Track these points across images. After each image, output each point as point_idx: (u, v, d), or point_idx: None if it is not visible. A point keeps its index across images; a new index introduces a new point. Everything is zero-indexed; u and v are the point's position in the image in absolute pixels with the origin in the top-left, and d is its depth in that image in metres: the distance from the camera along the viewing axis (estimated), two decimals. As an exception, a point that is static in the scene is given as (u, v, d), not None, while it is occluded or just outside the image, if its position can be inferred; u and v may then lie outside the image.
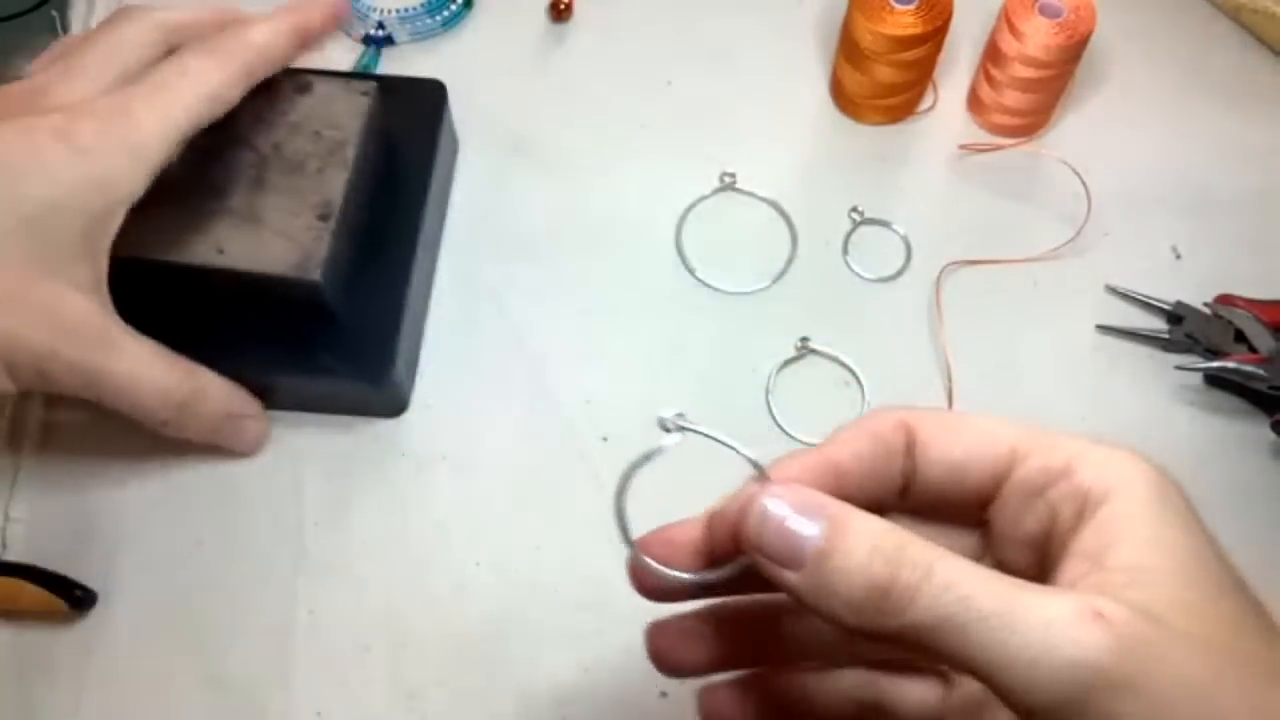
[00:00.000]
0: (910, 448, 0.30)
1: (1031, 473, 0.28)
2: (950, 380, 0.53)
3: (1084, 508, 0.27)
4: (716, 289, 0.56)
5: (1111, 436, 0.28)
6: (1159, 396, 0.53)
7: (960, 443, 0.29)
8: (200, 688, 0.47)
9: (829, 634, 0.33)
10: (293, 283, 0.46)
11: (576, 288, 0.56)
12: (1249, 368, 0.51)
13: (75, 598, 0.46)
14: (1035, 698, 0.24)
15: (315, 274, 0.46)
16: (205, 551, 0.49)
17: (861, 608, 0.25)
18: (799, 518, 0.26)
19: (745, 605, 0.33)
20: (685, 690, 0.46)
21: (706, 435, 0.28)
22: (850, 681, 0.33)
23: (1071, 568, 0.26)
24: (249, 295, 0.47)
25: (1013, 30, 0.55)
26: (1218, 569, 0.26)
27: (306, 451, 0.51)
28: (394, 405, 0.52)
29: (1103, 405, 0.53)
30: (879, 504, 0.30)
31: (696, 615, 0.33)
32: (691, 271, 0.56)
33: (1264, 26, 0.63)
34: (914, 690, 0.33)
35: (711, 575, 0.30)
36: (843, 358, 0.54)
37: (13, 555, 0.48)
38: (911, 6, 0.55)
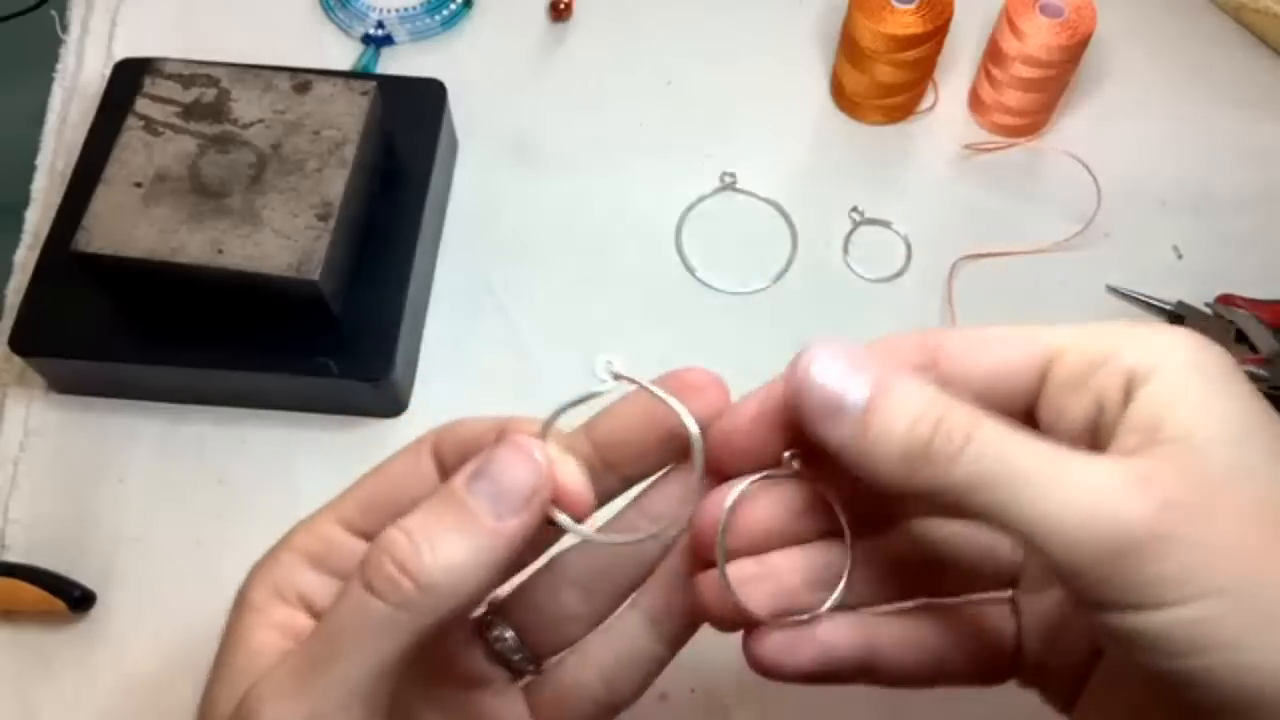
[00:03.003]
0: (935, 364, 0.28)
1: (1071, 365, 0.27)
2: (951, 380, 0.53)
3: (1130, 387, 0.26)
4: (716, 289, 0.56)
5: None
6: (1160, 396, 0.53)
7: (990, 354, 0.28)
8: (199, 688, 0.46)
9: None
10: (292, 282, 0.46)
11: (576, 288, 0.56)
12: (1250, 368, 0.51)
13: (74, 598, 0.46)
14: (1074, 557, 0.23)
15: (314, 274, 0.46)
16: (204, 551, 0.49)
17: (898, 470, 0.25)
18: (842, 377, 0.26)
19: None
20: (685, 691, 0.46)
21: (643, 386, 0.29)
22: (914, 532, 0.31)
23: (1121, 442, 0.25)
24: (248, 295, 0.47)
25: (1014, 29, 0.55)
26: (1272, 434, 0.25)
27: (306, 451, 0.51)
28: (393, 405, 0.52)
29: (1103, 405, 0.53)
30: None
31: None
32: (691, 271, 0.56)
33: (1265, 26, 0.63)
34: (995, 619, 0.32)
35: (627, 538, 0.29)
36: (843, 358, 0.54)
37: (12, 555, 0.48)
38: (912, 6, 0.55)
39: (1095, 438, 0.27)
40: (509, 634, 0.32)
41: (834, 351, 0.26)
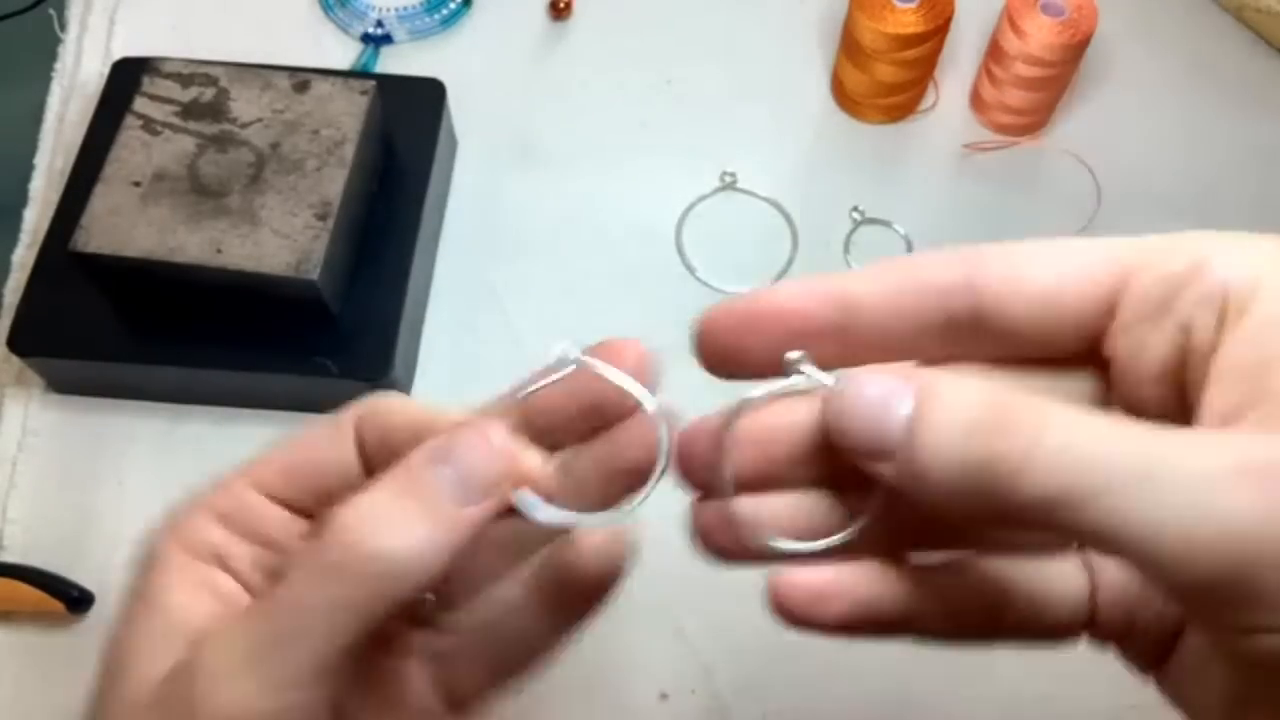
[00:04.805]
0: (969, 282, 0.24)
1: (1150, 285, 0.22)
2: (951, 380, 0.53)
3: (1225, 313, 0.21)
4: (716, 289, 0.56)
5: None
6: (1161, 396, 0.53)
7: (1048, 267, 0.23)
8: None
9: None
10: (290, 282, 0.46)
11: (576, 288, 0.56)
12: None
13: (72, 599, 0.46)
14: (1189, 574, 0.19)
15: (313, 273, 0.45)
16: (203, 552, 0.49)
17: (962, 491, 0.21)
18: (884, 392, 0.22)
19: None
20: (685, 692, 0.46)
21: (604, 372, 0.28)
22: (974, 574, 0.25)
23: (1221, 395, 0.20)
24: (247, 295, 0.47)
25: (1015, 29, 0.55)
26: None
27: (305, 452, 0.51)
28: (393, 405, 0.52)
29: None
30: (908, 350, 0.25)
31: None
32: (692, 271, 0.56)
33: (1267, 25, 0.63)
34: (1057, 576, 0.26)
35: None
36: (843, 358, 0.53)
37: (10, 556, 0.48)
38: (913, 5, 0.55)
39: (1183, 380, 0.22)
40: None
41: (869, 375, 0.23)
